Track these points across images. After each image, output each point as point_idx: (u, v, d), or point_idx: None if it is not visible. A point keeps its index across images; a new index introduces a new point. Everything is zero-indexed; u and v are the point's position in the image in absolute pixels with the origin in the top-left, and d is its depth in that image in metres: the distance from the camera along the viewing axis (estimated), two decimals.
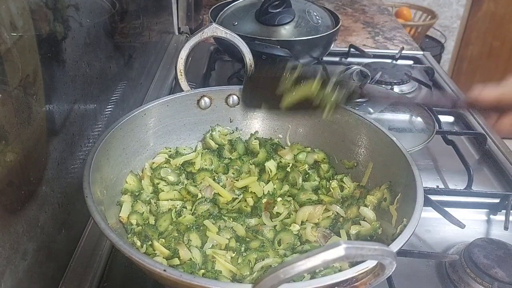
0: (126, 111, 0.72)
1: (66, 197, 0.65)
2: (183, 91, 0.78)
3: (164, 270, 0.44)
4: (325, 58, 1.29)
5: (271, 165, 0.75)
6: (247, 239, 0.64)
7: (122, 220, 0.64)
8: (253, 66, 0.81)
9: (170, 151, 0.77)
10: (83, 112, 0.72)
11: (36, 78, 0.55)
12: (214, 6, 1.23)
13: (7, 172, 0.49)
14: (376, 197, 0.68)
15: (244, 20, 1.16)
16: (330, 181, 0.74)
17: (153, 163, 0.74)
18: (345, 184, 0.73)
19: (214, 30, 0.77)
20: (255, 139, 0.80)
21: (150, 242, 0.61)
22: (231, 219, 0.67)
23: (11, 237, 0.50)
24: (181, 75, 0.77)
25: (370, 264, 0.43)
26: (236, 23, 1.15)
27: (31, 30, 0.54)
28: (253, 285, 0.34)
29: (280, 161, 0.77)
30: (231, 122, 0.82)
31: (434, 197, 0.81)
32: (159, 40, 1.29)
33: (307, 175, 0.75)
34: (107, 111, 0.84)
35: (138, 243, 0.61)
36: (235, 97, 0.80)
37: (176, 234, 0.63)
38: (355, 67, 1.13)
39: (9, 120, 0.49)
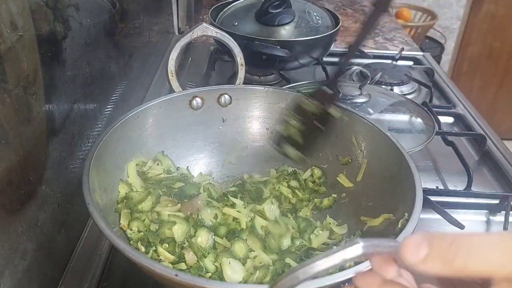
0: (126, 111, 0.71)
1: (65, 197, 0.65)
2: (174, 92, 0.77)
3: (176, 275, 0.44)
4: (325, 59, 1.29)
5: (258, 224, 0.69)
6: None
7: (123, 227, 0.64)
8: (244, 65, 0.81)
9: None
10: (83, 112, 0.72)
11: (36, 78, 0.55)
12: (214, 6, 1.23)
13: (7, 172, 0.49)
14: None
15: (244, 20, 1.16)
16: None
17: (144, 162, 0.73)
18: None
19: (205, 29, 0.77)
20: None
21: (154, 248, 0.61)
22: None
23: (10, 236, 0.50)
24: (172, 76, 0.77)
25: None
26: (236, 23, 1.15)
27: (31, 29, 0.54)
28: (270, 285, 0.34)
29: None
30: (223, 121, 0.82)
31: (433, 198, 0.81)
32: (159, 40, 1.29)
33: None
34: (107, 111, 0.84)
35: (143, 249, 0.60)
36: (226, 96, 0.80)
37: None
38: (355, 67, 1.13)
39: (9, 119, 0.49)
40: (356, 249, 0.31)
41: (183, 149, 0.79)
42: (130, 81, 1.00)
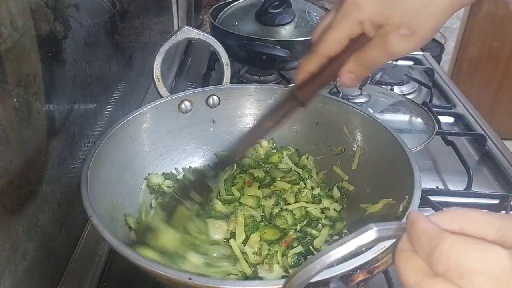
0: (126, 111, 0.71)
1: (66, 196, 0.65)
2: (162, 97, 0.77)
3: (190, 279, 0.44)
4: None
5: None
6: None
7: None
8: (229, 65, 0.81)
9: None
10: (83, 112, 0.72)
11: (36, 78, 0.55)
12: (214, 6, 1.23)
13: (7, 172, 0.49)
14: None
15: (244, 20, 1.16)
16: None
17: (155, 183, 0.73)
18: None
19: (187, 32, 0.76)
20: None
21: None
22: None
23: (10, 236, 0.50)
24: (159, 81, 0.76)
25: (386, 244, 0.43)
26: (236, 23, 1.15)
27: (32, 29, 0.54)
28: (287, 280, 0.34)
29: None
30: (214, 123, 0.82)
31: (433, 198, 0.81)
32: (159, 40, 1.29)
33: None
34: (107, 111, 0.84)
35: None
36: (215, 97, 0.80)
37: None
38: None
39: (9, 119, 0.49)
40: (370, 234, 0.31)
41: (177, 153, 0.79)
42: (130, 81, 1.00)
